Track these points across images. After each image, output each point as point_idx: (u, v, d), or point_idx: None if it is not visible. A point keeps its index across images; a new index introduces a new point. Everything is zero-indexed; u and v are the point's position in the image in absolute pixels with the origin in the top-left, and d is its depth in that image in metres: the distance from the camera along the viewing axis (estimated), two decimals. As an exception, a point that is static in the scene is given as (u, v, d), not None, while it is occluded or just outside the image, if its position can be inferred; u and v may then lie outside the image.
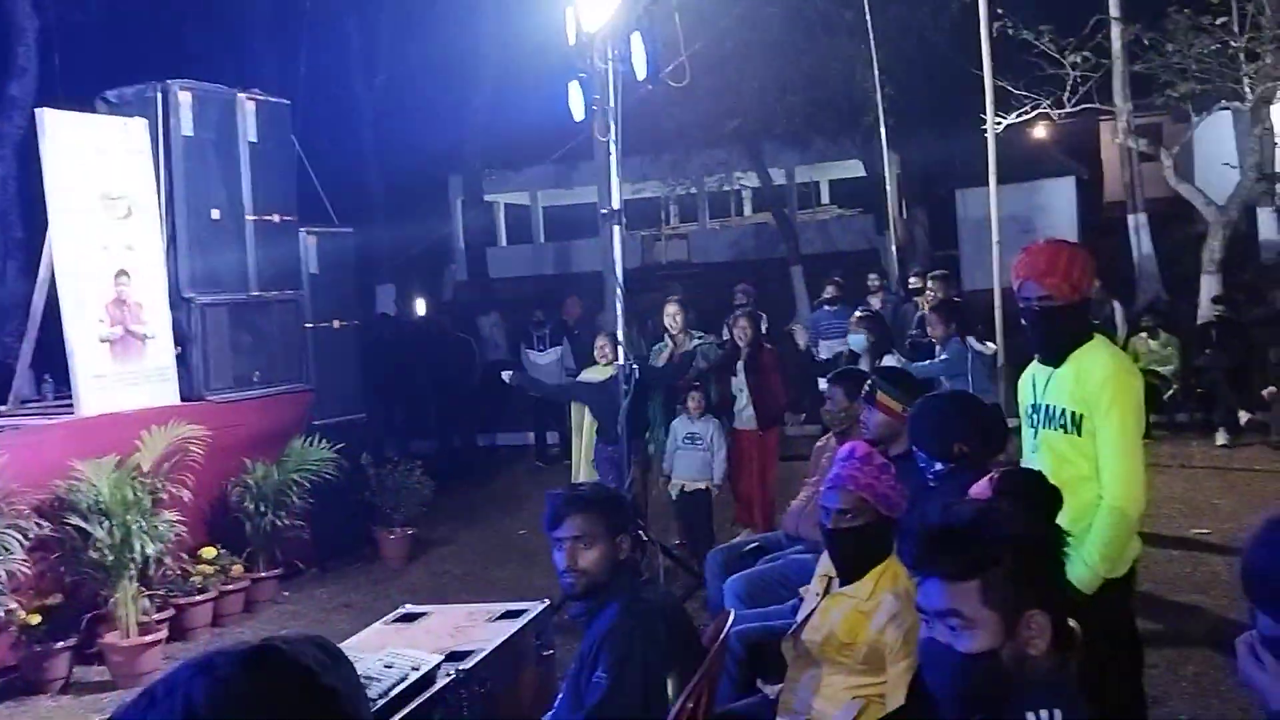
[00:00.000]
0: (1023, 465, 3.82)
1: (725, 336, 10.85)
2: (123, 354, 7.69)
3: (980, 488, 3.29)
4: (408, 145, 22.23)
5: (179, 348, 8.13)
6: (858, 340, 8.54)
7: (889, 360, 7.87)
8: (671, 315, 8.78)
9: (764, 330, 12.85)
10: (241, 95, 8.72)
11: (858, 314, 8.97)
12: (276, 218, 8.87)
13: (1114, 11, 12.71)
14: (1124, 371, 3.68)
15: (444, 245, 26.67)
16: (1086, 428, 3.61)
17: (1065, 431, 3.67)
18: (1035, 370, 3.87)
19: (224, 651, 1.21)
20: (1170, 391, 11.68)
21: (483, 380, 14.13)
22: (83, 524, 6.64)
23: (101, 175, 7.68)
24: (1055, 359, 3.74)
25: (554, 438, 13.37)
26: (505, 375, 8.44)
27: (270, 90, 9.37)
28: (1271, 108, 13.86)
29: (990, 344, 8.47)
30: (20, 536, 6.25)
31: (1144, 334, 12.05)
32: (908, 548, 2.10)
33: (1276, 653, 1.60)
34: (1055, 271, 3.63)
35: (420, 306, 17.36)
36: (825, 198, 31.29)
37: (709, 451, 7.99)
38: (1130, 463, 3.58)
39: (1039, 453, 3.79)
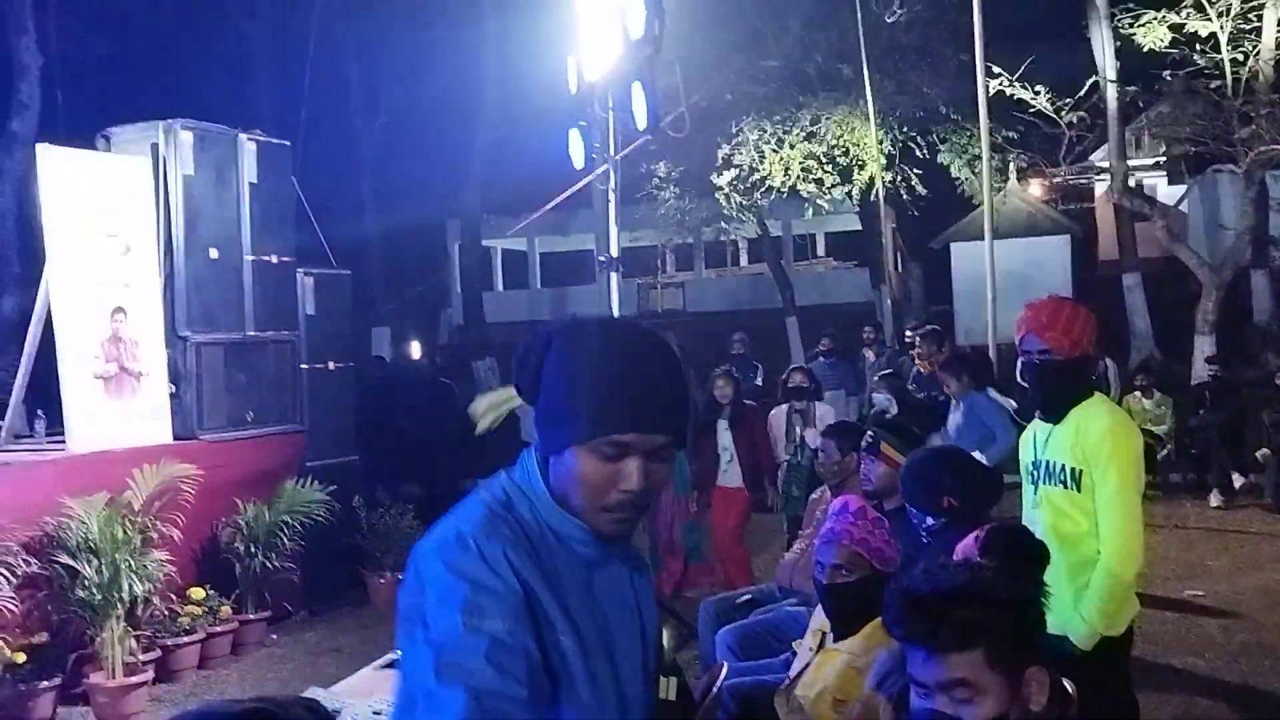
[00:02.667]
0: (1019, 521, 3.82)
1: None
2: (117, 391, 7.67)
3: (967, 545, 3.29)
4: (406, 188, 22.34)
5: (173, 386, 8.09)
6: (882, 400, 8.64)
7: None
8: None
9: (759, 382, 12.92)
10: (243, 136, 8.74)
11: (881, 374, 9.07)
12: (274, 258, 8.87)
13: (1110, 74, 12.83)
14: (1124, 428, 3.68)
15: (441, 289, 26.73)
16: (1085, 484, 3.62)
17: (1065, 487, 3.67)
18: (1036, 427, 3.88)
19: (217, 712, 1.20)
20: (1164, 451, 11.68)
21: (466, 425, 14.08)
22: (71, 562, 6.58)
23: (101, 212, 7.68)
24: (1055, 414, 3.75)
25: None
26: None
27: (271, 130, 9.41)
28: (1265, 171, 13.99)
29: (1010, 400, 8.47)
30: (8, 574, 6.20)
31: (1138, 393, 12.08)
32: (898, 619, 2.05)
33: None
34: (1057, 326, 3.65)
35: (415, 350, 17.36)
36: (821, 250, 31.46)
37: None
38: (1128, 520, 3.58)
39: (1039, 509, 3.79)
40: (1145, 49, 13.59)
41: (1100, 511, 3.60)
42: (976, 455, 5.46)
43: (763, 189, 17.86)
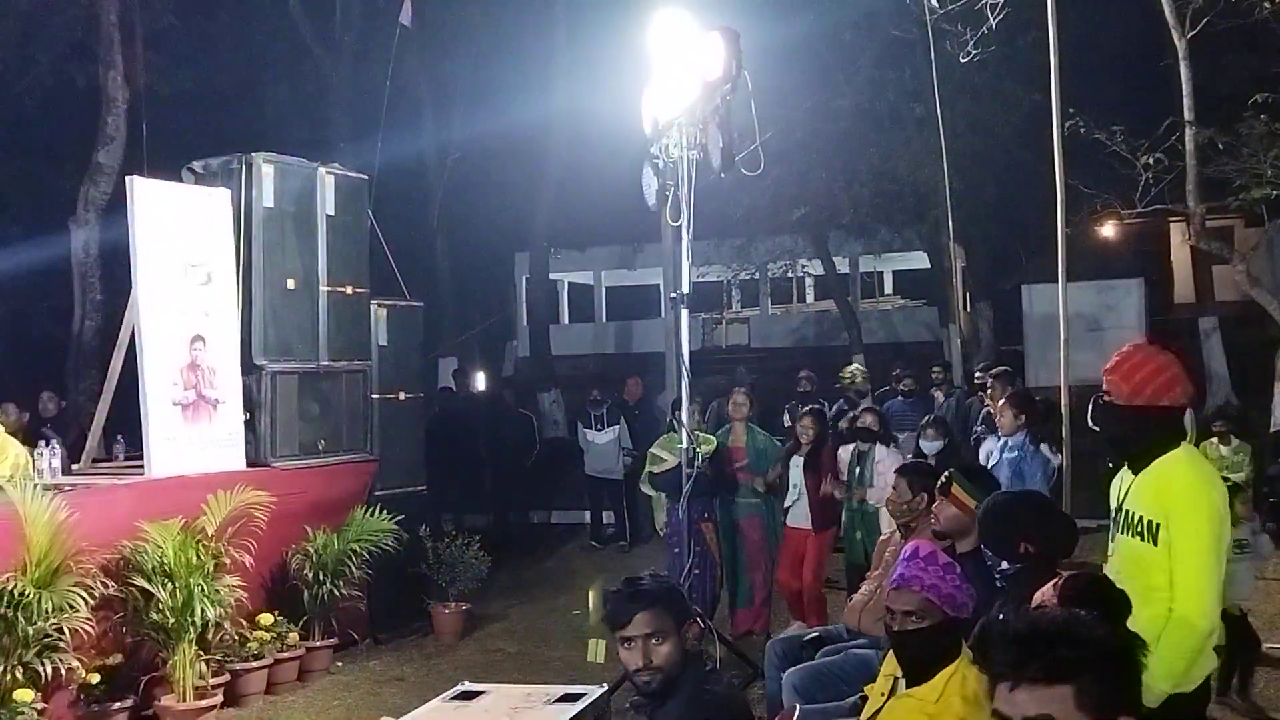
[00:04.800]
0: (1098, 570, 3.76)
1: (786, 423, 10.80)
2: (194, 418, 7.82)
3: (1045, 592, 3.24)
4: (476, 222, 22.56)
5: (248, 414, 8.24)
6: (932, 446, 8.59)
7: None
8: (738, 404, 8.84)
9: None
10: (322, 169, 8.91)
11: (928, 418, 9.03)
12: (349, 289, 9.02)
13: (1188, 115, 12.66)
14: (1204, 483, 3.58)
15: (507, 321, 26.93)
16: (1162, 538, 3.54)
17: (1142, 539, 3.60)
18: (1123, 473, 3.81)
19: None
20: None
21: (540, 457, 14.16)
22: (146, 585, 6.71)
23: (185, 242, 7.88)
24: (1119, 459, 3.72)
25: (609, 517, 13.33)
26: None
27: (348, 164, 9.58)
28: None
29: (1058, 454, 8.34)
30: (86, 595, 6.32)
31: (1214, 439, 11.81)
32: (994, 655, 2.05)
33: None
34: (1119, 371, 3.63)
35: (480, 381, 17.48)
36: (889, 288, 31.26)
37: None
38: (1202, 578, 3.47)
39: (1116, 557, 3.73)
40: (1225, 91, 13.40)
41: (1176, 565, 3.51)
42: None
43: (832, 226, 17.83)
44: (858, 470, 8.43)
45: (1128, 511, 3.68)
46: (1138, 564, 3.62)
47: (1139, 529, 3.63)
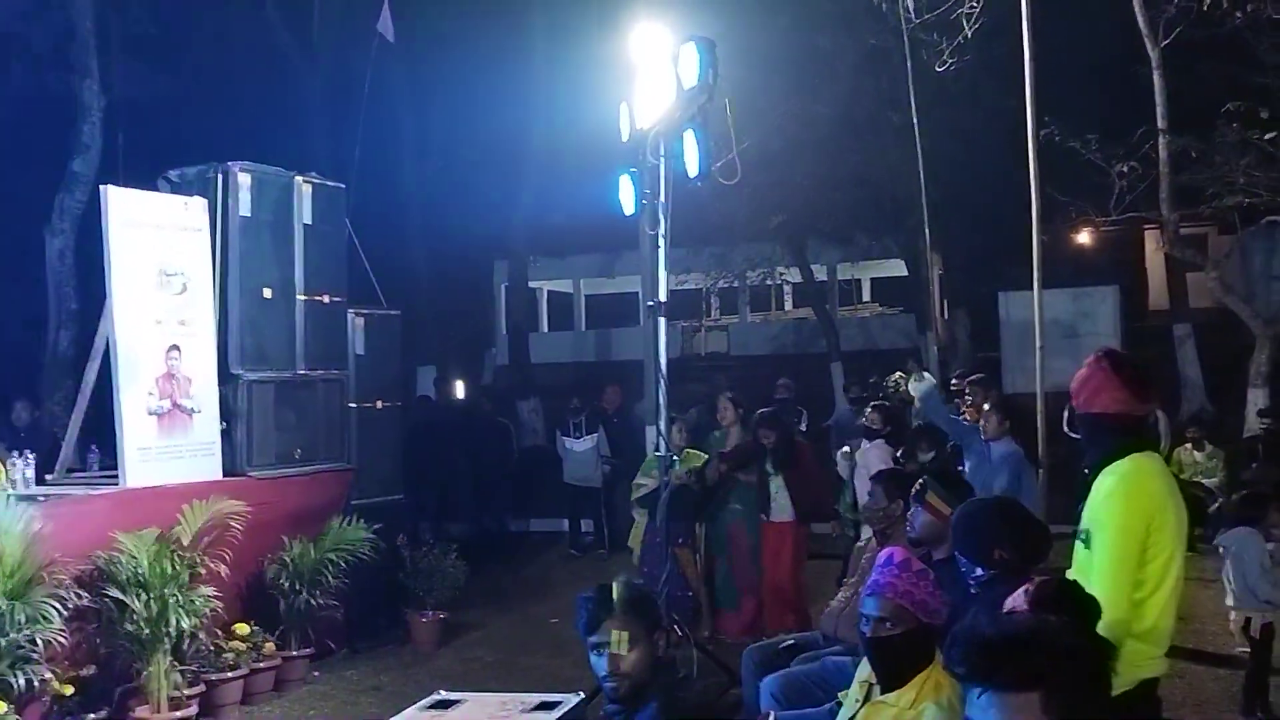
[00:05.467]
0: (1068, 576, 3.79)
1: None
2: (169, 427, 7.78)
3: (1016, 598, 3.26)
4: (455, 230, 22.52)
5: (224, 423, 8.20)
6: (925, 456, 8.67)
7: None
8: (723, 409, 8.97)
9: (803, 427, 12.89)
10: (299, 178, 8.88)
11: (918, 427, 9.10)
12: (326, 298, 8.99)
13: (1161, 123, 12.77)
14: (1123, 494, 3.60)
15: (486, 329, 26.90)
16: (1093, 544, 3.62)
17: (1085, 546, 3.67)
18: None
19: None
20: (1215, 505, 11.50)
21: (519, 465, 14.16)
22: (121, 596, 6.67)
23: (160, 251, 7.83)
24: (1088, 465, 3.81)
25: (588, 525, 13.33)
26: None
27: (326, 173, 9.55)
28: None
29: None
30: (59, 606, 6.27)
31: (1189, 445, 11.93)
32: (960, 659, 2.07)
33: None
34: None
35: (459, 390, 17.47)
36: (867, 295, 31.38)
37: None
38: (1108, 589, 3.46)
39: (1073, 561, 3.80)
40: (1198, 100, 13.52)
41: (1094, 571, 3.58)
42: None
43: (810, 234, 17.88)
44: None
45: (1081, 518, 3.75)
46: (1079, 569, 3.70)
47: (1083, 536, 3.71)
